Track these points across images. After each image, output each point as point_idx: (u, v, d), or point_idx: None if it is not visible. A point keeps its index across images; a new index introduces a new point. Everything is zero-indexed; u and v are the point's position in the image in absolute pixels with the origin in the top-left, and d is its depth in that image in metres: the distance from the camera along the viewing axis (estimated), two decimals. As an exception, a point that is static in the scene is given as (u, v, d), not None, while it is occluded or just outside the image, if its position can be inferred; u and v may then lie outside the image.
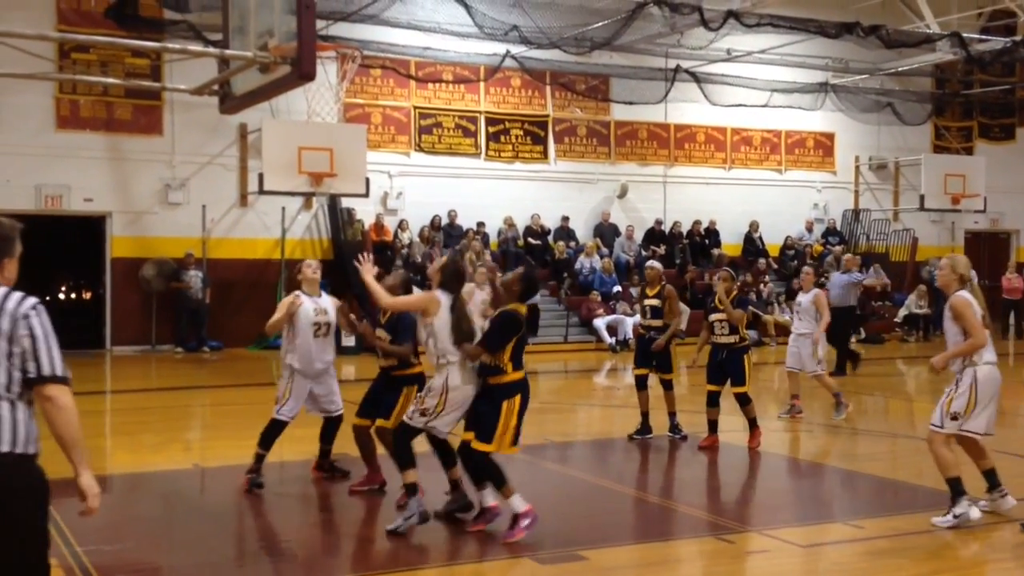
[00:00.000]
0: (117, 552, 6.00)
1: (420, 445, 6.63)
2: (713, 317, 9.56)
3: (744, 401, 9.47)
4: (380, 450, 7.43)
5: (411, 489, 6.45)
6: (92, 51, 18.20)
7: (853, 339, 21.52)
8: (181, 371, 16.39)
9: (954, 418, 6.63)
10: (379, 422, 7.26)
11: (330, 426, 8.02)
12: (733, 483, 8.62)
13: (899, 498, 7.86)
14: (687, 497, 7.73)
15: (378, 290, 6.61)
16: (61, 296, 22.48)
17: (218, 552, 6.27)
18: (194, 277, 18.69)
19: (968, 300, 6.69)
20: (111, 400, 14.10)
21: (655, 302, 9.75)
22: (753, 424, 9.50)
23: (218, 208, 19.38)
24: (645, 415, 9.86)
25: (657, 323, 9.74)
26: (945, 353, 6.74)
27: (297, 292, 7.81)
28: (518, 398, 6.35)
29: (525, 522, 6.20)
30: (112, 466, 9.17)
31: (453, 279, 6.59)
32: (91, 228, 18.98)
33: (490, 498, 6.39)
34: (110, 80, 17.92)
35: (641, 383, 9.90)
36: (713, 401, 9.51)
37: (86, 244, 19.12)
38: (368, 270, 6.66)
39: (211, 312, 18.83)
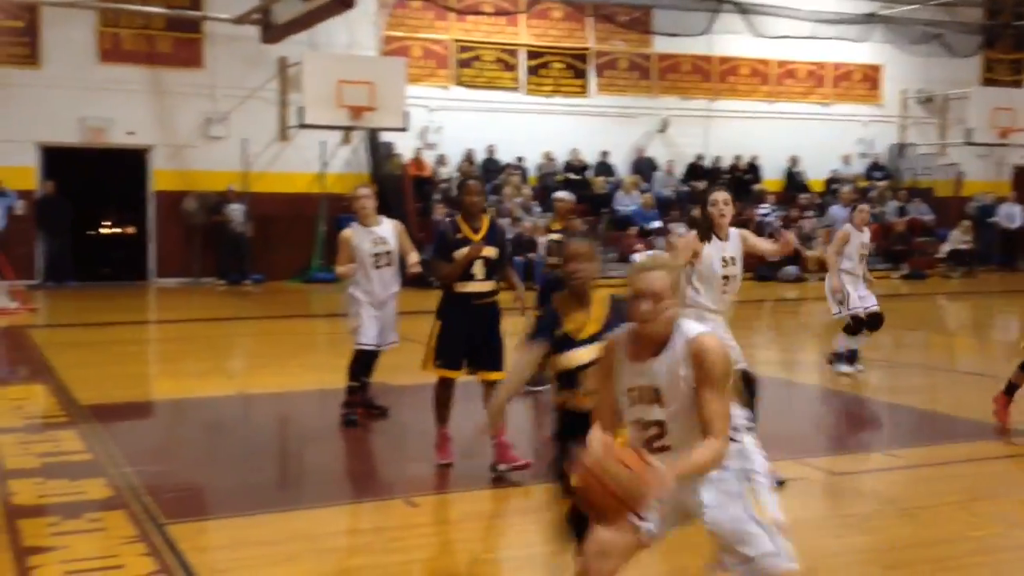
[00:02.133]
0: (163, 472, 6.16)
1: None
2: None
3: None
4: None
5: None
6: (133, -17, 18.21)
7: (896, 275, 21.40)
8: (223, 303, 16.61)
9: None
10: None
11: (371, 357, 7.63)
12: (770, 414, 8.61)
13: (936, 429, 7.84)
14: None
15: None
16: (105, 229, 22.74)
17: (260, 474, 6.42)
18: (235, 211, 18.83)
19: None
20: (155, 330, 14.38)
21: (559, 238, 8.37)
22: None
23: (259, 142, 19.44)
24: None
25: None
26: None
27: (352, 227, 7.46)
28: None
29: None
30: (156, 392, 9.38)
31: None
32: (134, 161, 19.14)
33: None
34: (152, 9, 17.93)
35: None
36: None
37: (129, 177, 19.31)
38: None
39: (252, 245, 19.00)
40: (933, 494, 5.93)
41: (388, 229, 7.51)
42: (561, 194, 9.26)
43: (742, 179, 22.94)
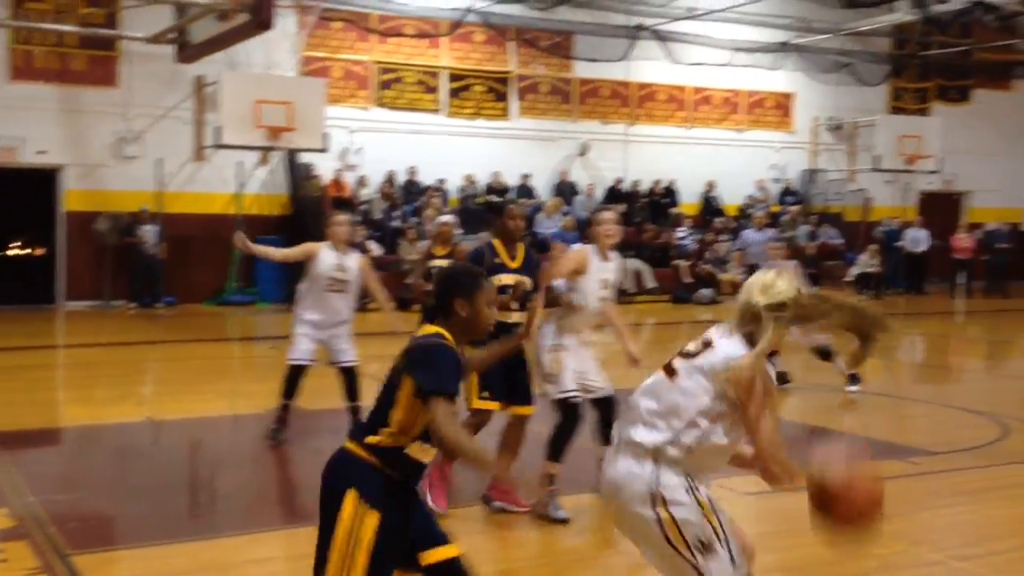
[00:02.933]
0: (70, 501, 6.02)
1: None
2: None
3: None
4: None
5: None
6: (47, 0, 17.83)
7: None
8: (135, 327, 16.27)
9: None
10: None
11: (349, 379, 7.64)
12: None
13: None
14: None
15: None
16: (12, 251, 22.13)
17: (170, 502, 6.30)
18: (149, 232, 18.49)
19: None
20: (63, 354, 14.01)
21: (445, 263, 7.87)
22: None
23: (173, 162, 19.13)
24: None
25: None
26: None
27: (323, 243, 7.61)
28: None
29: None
30: (64, 419, 9.15)
31: None
32: (44, 181, 18.68)
33: None
34: (65, 27, 17.56)
35: None
36: None
37: (39, 197, 18.83)
38: None
39: (166, 267, 18.66)
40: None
41: (354, 261, 7.66)
42: (444, 218, 8.77)
43: (660, 203, 23.32)
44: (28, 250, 22.02)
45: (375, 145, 20.91)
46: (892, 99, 26.46)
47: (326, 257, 7.56)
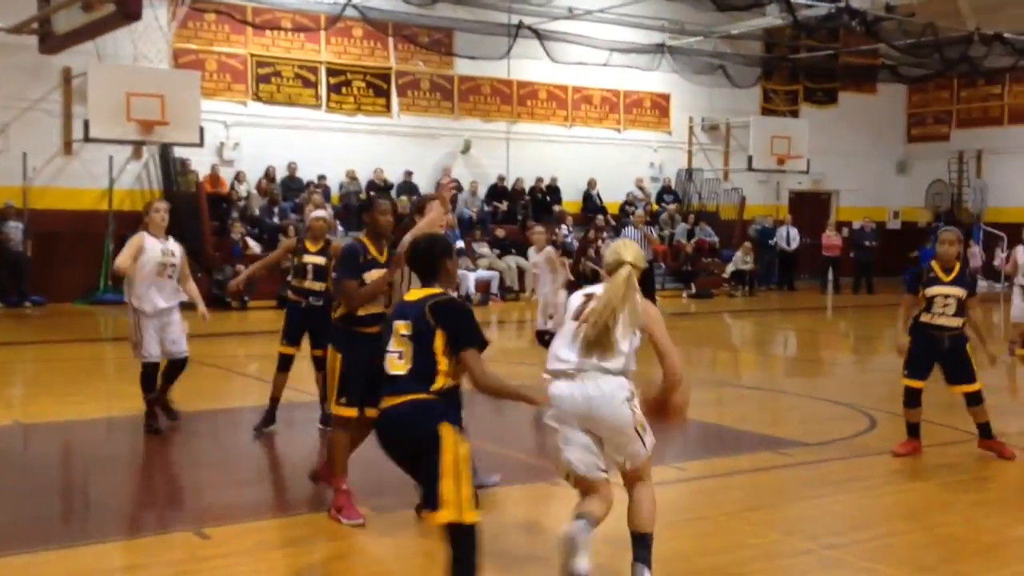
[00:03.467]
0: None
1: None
2: (934, 291, 7.18)
3: (975, 401, 7.28)
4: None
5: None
6: None
7: (683, 294, 22.46)
8: (1, 327, 15.57)
9: None
10: None
11: (173, 369, 7.91)
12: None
13: (722, 442, 8.27)
14: (520, 444, 7.91)
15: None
16: None
17: (40, 508, 6.06)
18: (14, 228, 17.72)
19: None
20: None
21: (318, 259, 7.77)
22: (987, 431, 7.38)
23: (40, 156, 18.38)
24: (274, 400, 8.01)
25: (319, 286, 7.72)
26: None
27: (143, 233, 7.74)
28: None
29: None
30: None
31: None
32: (-103, 175, 17.72)
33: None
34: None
35: (284, 363, 7.93)
36: (915, 400, 7.34)
37: None
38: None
39: (33, 265, 17.91)
40: (714, 504, 6.27)
41: (176, 246, 7.91)
42: (317, 213, 8.36)
43: (543, 200, 23.53)
44: None
45: (253, 140, 20.51)
46: (763, 101, 27.33)
47: (151, 244, 7.72)
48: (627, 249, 4.73)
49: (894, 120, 29.82)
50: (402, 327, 4.22)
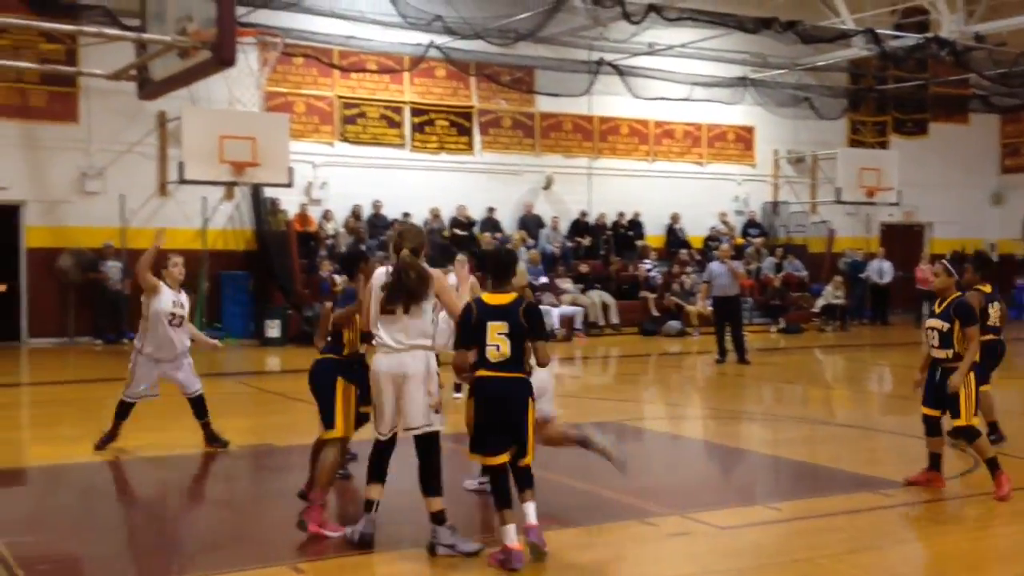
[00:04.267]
0: (37, 543, 5.89)
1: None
2: (928, 323, 7.49)
3: (968, 437, 7.30)
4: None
5: (368, 505, 5.94)
6: (4, 36, 17.64)
7: (772, 329, 22.11)
8: (100, 363, 16.03)
9: None
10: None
11: (197, 405, 8.67)
12: (656, 469, 8.77)
13: (816, 481, 8.07)
14: (610, 482, 7.84)
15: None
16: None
17: (137, 542, 6.19)
18: (113, 268, 18.29)
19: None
20: (28, 393, 13.77)
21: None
22: (993, 466, 7.18)
23: (137, 197, 18.99)
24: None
25: None
26: None
27: (162, 285, 8.49)
28: (470, 401, 6.01)
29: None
30: (29, 458, 8.98)
31: (395, 241, 5.96)
32: (5, 217, 18.43)
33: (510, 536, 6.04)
34: (24, 64, 17.42)
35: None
36: (932, 429, 7.46)
37: (0, 234, 18.58)
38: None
39: (130, 303, 18.43)
40: (814, 547, 6.10)
41: (185, 298, 8.75)
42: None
43: (625, 235, 23.46)
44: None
45: (340, 180, 20.89)
46: (851, 132, 26.90)
47: (165, 295, 8.44)
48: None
49: (987, 150, 29.07)
50: (499, 327, 5.64)
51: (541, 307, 20.13)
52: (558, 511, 6.78)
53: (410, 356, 5.77)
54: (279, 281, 19.20)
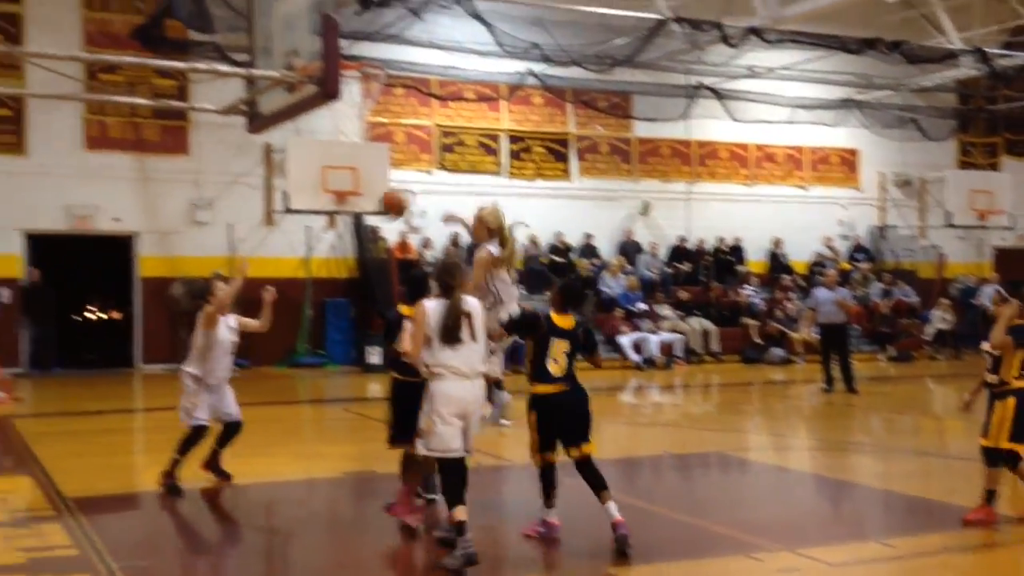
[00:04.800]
0: (150, 568, 6.05)
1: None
2: (984, 347, 7.45)
3: (992, 460, 7.16)
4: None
5: (459, 528, 5.95)
6: (119, 72, 18.40)
7: (881, 357, 21.51)
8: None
9: None
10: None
11: (230, 432, 8.54)
12: (762, 502, 8.58)
13: (930, 516, 7.79)
14: (715, 515, 7.70)
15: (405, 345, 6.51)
16: (90, 315, 22.66)
17: (247, 567, 6.30)
18: (221, 296, 18.78)
19: None
20: (140, 418, 14.22)
21: None
22: (990, 497, 7.14)
23: (244, 227, 19.53)
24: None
25: None
26: None
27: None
28: (532, 415, 6.58)
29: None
30: (142, 483, 9.23)
31: (444, 279, 6.25)
32: (120, 247, 19.15)
33: (551, 516, 6.71)
34: (138, 100, 18.11)
35: None
36: (989, 459, 7.21)
37: (115, 263, 19.31)
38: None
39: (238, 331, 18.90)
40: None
41: (235, 321, 8.78)
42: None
43: (725, 261, 23.16)
44: (105, 315, 22.52)
45: (438, 207, 21.06)
46: (960, 154, 26.13)
47: (222, 323, 8.57)
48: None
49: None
50: (564, 345, 6.54)
51: (640, 334, 20.00)
52: (662, 544, 6.69)
53: (475, 383, 6.20)
54: (380, 308, 19.47)
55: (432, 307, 6.12)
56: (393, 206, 7.83)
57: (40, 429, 11.81)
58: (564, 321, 6.66)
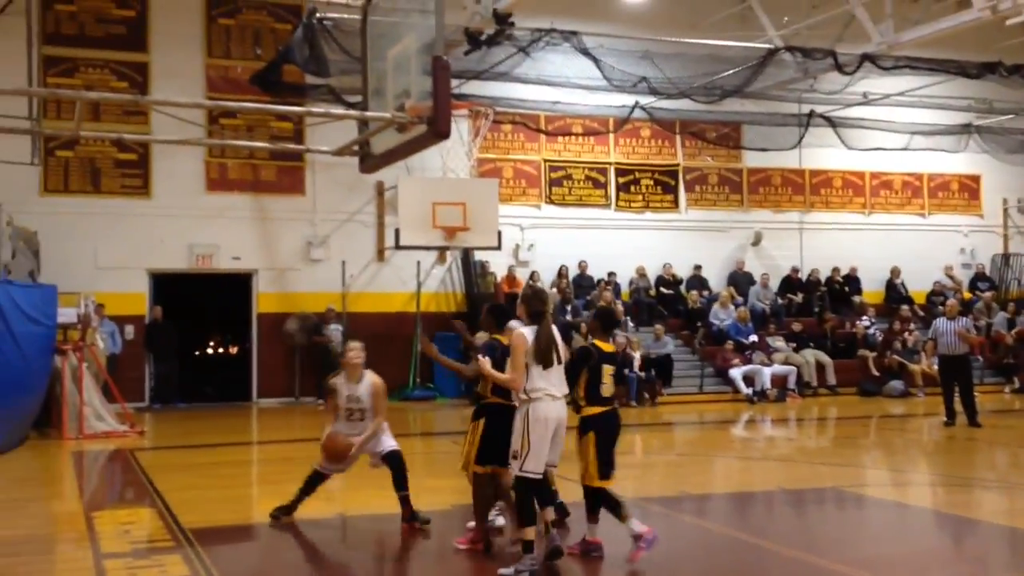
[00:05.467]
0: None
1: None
2: None
3: None
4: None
5: (527, 547, 6.52)
6: (239, 116, 19.12)
7: (1006, 389, 20.64)
8: (323, 423, 16.76)
9: None
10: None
11: (394, 466, 8.39)
12: (880, 539, 8.30)
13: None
14: (830, 553, 7.48)
15: (496, 375, 6.91)
16: (210, 350, 23.44)
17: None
18: (334, 331, 19.23)
19: None
20: (257, 451, 14.59)
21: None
22: None
23: (357, 263, 19.97)
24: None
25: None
26: None
27: (335, 379, 8.46)
28: (591, 434, 6.84)
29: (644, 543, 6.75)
30: (258, 514, 9.46)
31: (535, 306, 6.82)
32: (239, 284, 19.79)
33: (638, 525, 6.86)
34: (257, 144, 18.81)
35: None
36: None
37: (234, 300, 19.96)
38: (484, 364, 7.03)
39: (350, 365, 19.28)
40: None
41: (364, 388, 8.38)
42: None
43: (840, 291, 22.61)
44: (223, 350, 23.25)
45: (546, 241, 21.26)
46: (1088, 178, 25.02)
47: (340, 388, 8.42)
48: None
49: None
50: (610, 370, 6.93)
51: (752, 366, 19.65)
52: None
53: (563, 403, 6.73)
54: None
55: (528, 334, 6.60)
56: (333, 455, 7.92)
57: (160, 462, 12.23)
58: (608, 346, 7.13)
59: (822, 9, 19.50)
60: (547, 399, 6.56)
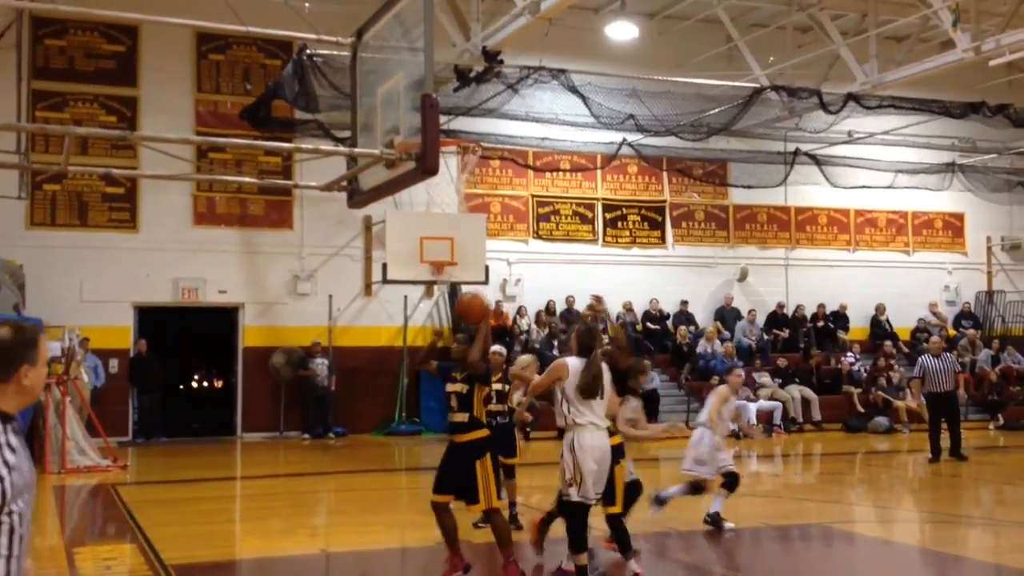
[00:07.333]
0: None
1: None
2: None
3: None
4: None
5: (581, 572, 6.80)
6: (228, 151, 19.16)
7: (991, 426, 20.70)
8: (307, 457, 16.73)
9: None
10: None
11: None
12: (865, 575, 8.30)
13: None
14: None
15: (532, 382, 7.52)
16: (195, 384, 23.32)
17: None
18: (320, 365, 19.17)
19: None
20: (241, 486, 14.49)
21: (499, 386, 9.01)
22: None
23: (344, 297, 19.95)
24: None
25: (500, 407, 9.03)
26: None
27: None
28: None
29: None
30: (241, 551, 9.40)
31: (586, 341, 6.98)
32: (224, 318, 19.73)
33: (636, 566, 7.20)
34: (245, 179, 18.80)
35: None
36: None
37: (219, 334, 19.89)
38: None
39: (336, 399, 19.25)
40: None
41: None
42: (495, 348, 9.27)
43: (826, 327, 22.69)
44: (210, 383, 23.14)
45: (533, 276, 21.30)
46: (1072, 216, 25.27)
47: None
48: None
49: None
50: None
51: (739, 402, 19.74)
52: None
53: (606, 433, 6.93)
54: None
55: (574, 365, 6.82)
56: (474, 313, 7.40)
57: (143, 497, 12.14)
58: None
59: (807, 49, 19.76)
60: (591, 428, 6.78)
